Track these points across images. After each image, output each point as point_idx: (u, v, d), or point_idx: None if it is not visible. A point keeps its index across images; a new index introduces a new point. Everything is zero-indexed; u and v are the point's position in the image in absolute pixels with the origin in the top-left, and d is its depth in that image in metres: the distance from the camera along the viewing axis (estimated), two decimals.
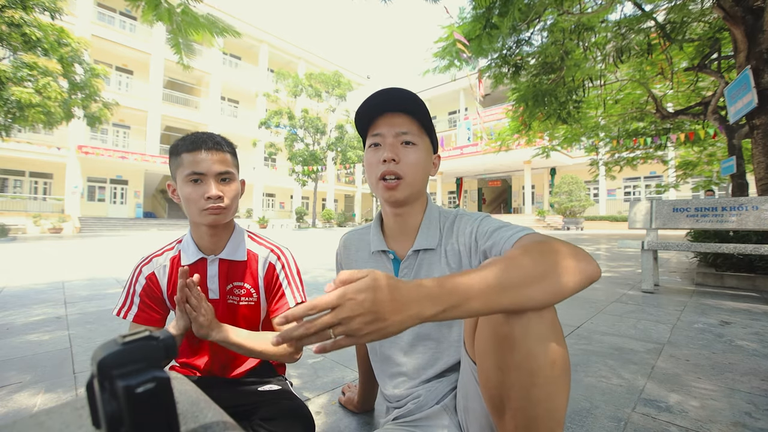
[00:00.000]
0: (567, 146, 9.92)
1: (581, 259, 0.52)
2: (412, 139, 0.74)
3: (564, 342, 0.53)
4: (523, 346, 0.50)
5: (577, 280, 0.51)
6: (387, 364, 0.84)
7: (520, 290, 0.48)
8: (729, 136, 5.34)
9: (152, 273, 0.92)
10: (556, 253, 0.52)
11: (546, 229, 18.36)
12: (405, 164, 0.73)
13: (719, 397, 1.20)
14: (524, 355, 0.50)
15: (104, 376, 0.23)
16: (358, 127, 0.79)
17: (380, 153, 0.74)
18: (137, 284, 0.92)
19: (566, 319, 2.17)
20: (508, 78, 5.71)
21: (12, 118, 9.47)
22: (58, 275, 4.03)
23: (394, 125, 0.74)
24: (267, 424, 0.79)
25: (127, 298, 0.91)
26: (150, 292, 0.92)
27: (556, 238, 0.57)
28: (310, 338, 0.44)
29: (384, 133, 0.74)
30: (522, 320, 0.50)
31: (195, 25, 2.94)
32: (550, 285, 0.49)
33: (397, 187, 0.74)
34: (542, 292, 0.49)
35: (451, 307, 0.46)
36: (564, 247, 0.53)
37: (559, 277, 0.50)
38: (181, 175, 0.84)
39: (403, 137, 0.74)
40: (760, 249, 2.51)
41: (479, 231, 0.71)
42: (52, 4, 8.44)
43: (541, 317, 0.51)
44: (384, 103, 0.74)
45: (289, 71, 22.46)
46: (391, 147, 0.73)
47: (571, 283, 0.50)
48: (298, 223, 24.16)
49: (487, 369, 0.56)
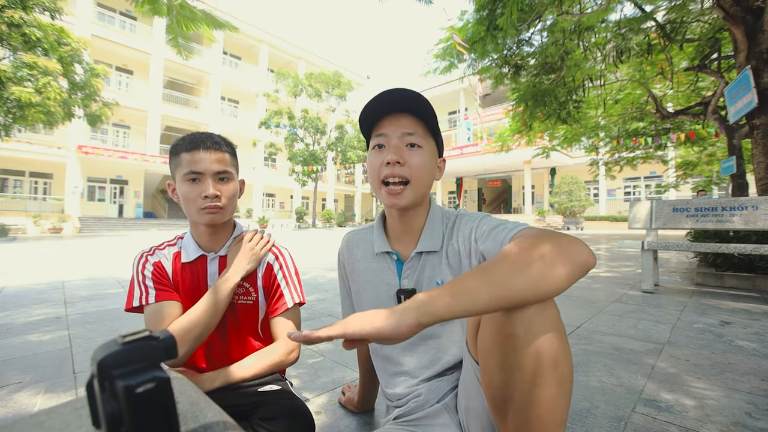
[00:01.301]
0: (567, 146, 9.92)
1: (575, 248, 0.52)
2: (417, 141, 0.72)
3: (567, 343, 0.53)
4: (526, 347, 0.50)
5: (573, 269, 0.50)
6: (388, 363, 0.85)
7: (513, 286, 0.48)
8: (729, 136, 5.34)
9: (158, 261, 0.92)
10: (550, 246, 0.52)
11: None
12: (410, 167, 0.71)
13: (719, 397, 1.20)
14: (527, 355, 0.50)
15: (104, 376, 0.23)
16: (362, 127, 0.77)
17: (384, 154, 0.71)
18: (146, 270, 0.90)
19: (566, 319, 2.17)
20: (508, 78, 5.71)
21: (12, 117, 9.47)
22: (58, 275, 4.03)
23: (399, 125, 0.71)
24: (267, 424, 0.79)
25: (140, 286, 0.89)
26: (160, 277, 0.91)
27: (551, 230, 0.57)
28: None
29: (388, 134, 0.72)
30: (525, 320, 0.51)
31: (193, 19, 2.97)
32: (548, 277, 0.49)
33: (402, 194, 0.72)
34: (535, 281, 0.49)
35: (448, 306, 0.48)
36: (557, 239, 0.53)
37: (556, 268, 0.50)
38: (180, 174, 0.84)
39: (408, 138, 0.71)
40: (760, 249, 2.51)
41: (478, 231, 0.71)
42: (52, 4, 8.44)
43: (544, 318, 0.51)
44: (389, 103, 0.71)
45: (289, 71, 22.46)
46: (396, 149, 0.71)
47: (568, 274, 0.50)
48: (298, 223, 24.16)
49: (489, 369, 0.56)
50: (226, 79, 23.53)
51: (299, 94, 21.75)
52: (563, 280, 0.50)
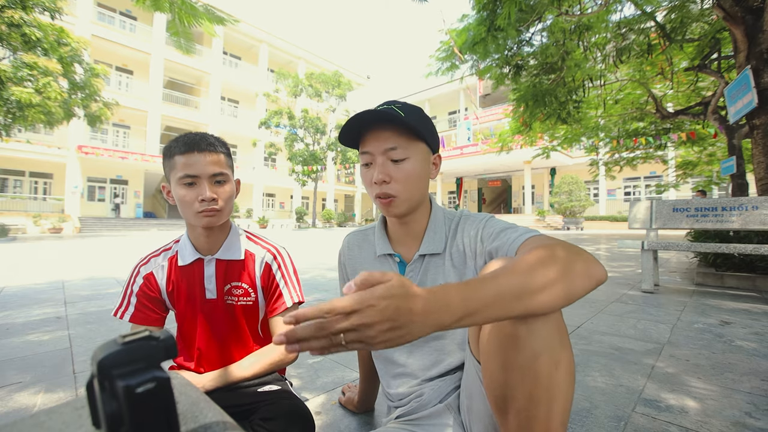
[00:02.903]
0: (567, 146, 9.92)
1: (590, 262, 0.53)
2: (401, 155, 0.71)
3: (569, 343, 0.53)
4: (528, 347, 0.51)
5: (587, 283, 0.51)
6: (390, 365, 0.85)
7: (533, 297, 0.48)
8: (729, 136, 5.34)
9: (150, 273, 0.93)
10: (566, 258, 0.52)
11: (546, 229, 18.36)
12: (396, 183, 0.72)
13: (719, 397, 1.20)
14: (529, 355, 0.51)
15: (104, 376, 0.23)
16: (348, 144, 0.77)
17: (372, 172, 0.73)
18: (134, 285, 0.92)
19: (566, 319, 2.17)
20: (509, 78, 5.72)
21: (12, 117, 9.47)
22: (58, 275, 4.03)
23: (380, 140, 0.71)
24: (267, 424, 0.79)
25: (125, 298, 0.91)
26: (147, 293, 0.92)
27: (561, 240, 0.57)
28: (319, 341, 0.41)
29: (372, 152, 0.72)
30: (527, 321, 0.51)
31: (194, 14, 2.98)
32: (562, 290, 0.50)
33: (392, 204, 0.73)
34: (555, 297, 0.49)
35: (468, 315, 0.45)
36: (572, 252, 0.54)
37: (572, 282, 0.50)
38: (175, 177, 0.83)
39: (391, 154, 0.71)
40: (760, 249, 2.51)
41: (484, 232, 0.72)
42: (52, 4, 8.43)
43: (546, 318, 0.51)
44: (368, 117, 0.71)
45: (289, 71, 22.46)
46: (381, 167, 0.71)
47: (581, 287, 0.51)
48: (298, 223, 24.16)
49: (491, 369, 0.56)
50: (226, 79, 23.51)
51: (299, 94, 21.74)
52: (582, 295, 0.51)
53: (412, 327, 0.43)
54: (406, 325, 0.42)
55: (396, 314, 0.41)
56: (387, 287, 0.42)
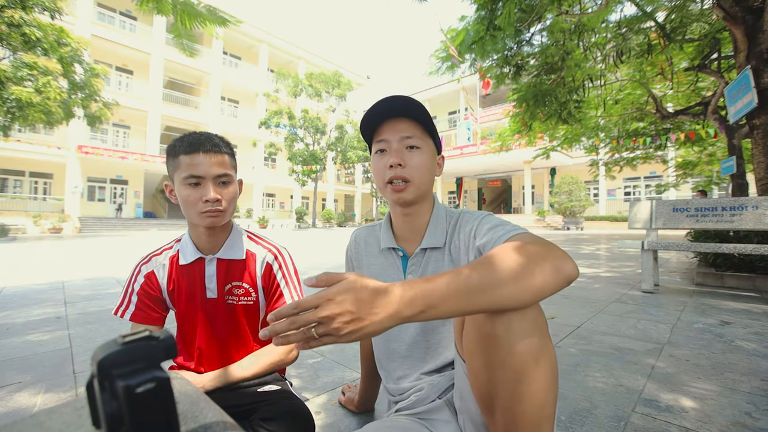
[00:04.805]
0: (567, 146, 9.92)
1: (559, 259, 0.53)
2: (416, 143, 0.76)
3: (548, 338, 0.53)
4: (506, 344, 0.51)
5: (555, 278, 0.51)
6: (391, 358, 0.86)
7: (496, 290, 0.49)
8: (729, 136, 5.34)
9: (151, 272, 0.93)
10: (536, 254, 0.52)
11: (546, 229, 18.37)
12: (411, 167, 0.76)
13: (719, 397, 1.20)
14: (507, 352, 0.51)
15: (104, 376, 0.23)
16: (364, 134, 0.81)
17: (386, 158, 0.77)
18: (135, 283, 0.92)
19: (566, 319, 2.17)
20: (509, 78, 5.72)
21: (12, 117, 9.47)
22: (58, 275, 4.03)
23: (397, 130, 0.76)
24: (267, 424, 0.79)
25: (125, 297, 0.92)
26: (148, 291, 0.92)
27: (542, 238, 0.58)
28: (296, 335, 0.46)
29: (389, 139, 0.76)
30: (503, 318, 0.52)
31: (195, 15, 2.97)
32: (528, 284, 0.50)
33: (405, 189, 0.76)
34: (520, 291, 0.50)
35: (429, 308, 0.48)
36: (544, 248, 0.54)
37: (539, 276, 0.50)
38: (179, 177, 0.83)
39: (407, 141, 0.76)
40: (760, 249, 2.51)
41: (478, 229, 0.73)
42: (52, 4, 8.43)
43: (522, 315, 0.51)
44: (387, 110, 0.76)
45: (289, 71, 22.46)
46: (397, 152, 0.75)
47: (550, 283, 0.51)
48: (298, 223, 24.16)
49: (475, 367, 0.57)
50: (226, 79, 23.52)
51: (299, 94, 21.75)
52: (548, 290, 0.51)
53: (373, 318, 0.46)
54: (367, 317, 0.46)
55: (355, 306, 0.46)
56: (343, 283, 0.47)
